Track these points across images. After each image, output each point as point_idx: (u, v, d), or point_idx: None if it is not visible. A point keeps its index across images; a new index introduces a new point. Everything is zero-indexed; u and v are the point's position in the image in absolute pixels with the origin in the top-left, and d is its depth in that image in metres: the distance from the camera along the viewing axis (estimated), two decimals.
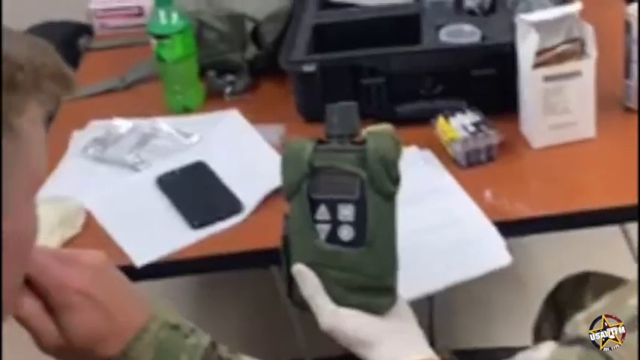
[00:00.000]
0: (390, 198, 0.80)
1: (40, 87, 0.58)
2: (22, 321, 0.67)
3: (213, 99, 1.39)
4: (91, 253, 0.70)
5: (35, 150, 0.58)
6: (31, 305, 0.66)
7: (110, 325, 0.67)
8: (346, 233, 0.80)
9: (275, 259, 0.87)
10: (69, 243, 1.11)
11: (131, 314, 0.69)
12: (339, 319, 0.79)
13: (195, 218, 1.12)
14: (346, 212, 0.80)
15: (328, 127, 0.82)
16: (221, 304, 1.82)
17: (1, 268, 0.57)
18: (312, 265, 0.81)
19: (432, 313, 1.37)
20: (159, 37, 1.34)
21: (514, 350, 0.89)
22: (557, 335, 0.85)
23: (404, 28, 1.34)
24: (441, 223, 1.05)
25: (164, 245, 1.09)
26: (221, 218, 1.12)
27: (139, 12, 1.62)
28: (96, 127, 1.33)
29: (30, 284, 0.67)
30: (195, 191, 1.17)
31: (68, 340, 0.67)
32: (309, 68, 1.26)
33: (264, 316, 1.76)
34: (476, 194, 1.10)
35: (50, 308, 0.67)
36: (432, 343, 0.82)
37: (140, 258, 1.07)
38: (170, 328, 0.69)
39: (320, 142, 0.82)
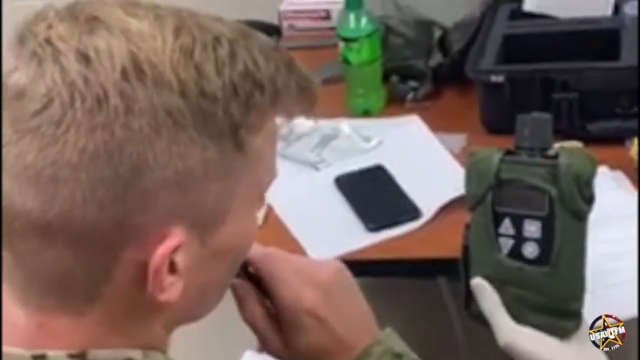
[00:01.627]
0: (581, 218, 0.76)
1: (281, 107, 0.56)
2: (250, 323, 0.68)
3: (395, 104, 1.39)
4: (328, 265, 0.70)
5: (265, 164, 0.57)
6: (259, 311, 0.67)
7: (337, 346, 0.67)
8: (531, 250, 0.77)
9: (445, 269, 0.85)
10: None
11: (357, 335, 0.68)
12: (519, 337, 0.76)
13: (372, 221, 1.13)
14: (532, 228, 0.77)
15: (518, 138, 0.80)
16: (382, 308, 1.81)
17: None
18: (491, 279, 0.79)
19: None
20: (347, 40, 1.36)
21: None
22: None
23: (600, 42, 1.28)
24: (633, 250, 1.00)
25: (340, 245, 1.10)
26: (398, 223, 1.12)
27: (327, 15, 1.65)
28: (279, 124, 1.37)
29: (260, 288, 0.68)
30: (373, 194, 1.17)
31: (292, 354, 0.67)
32: (497, 79, 1.23)
33: (426, 326, 1.73)
34: None
35: (277, 318, 0.68)
36: None
37: (317, 255, 1.08)
38: (393, 356, 0.68)
39: (508, 153, 0.80)
